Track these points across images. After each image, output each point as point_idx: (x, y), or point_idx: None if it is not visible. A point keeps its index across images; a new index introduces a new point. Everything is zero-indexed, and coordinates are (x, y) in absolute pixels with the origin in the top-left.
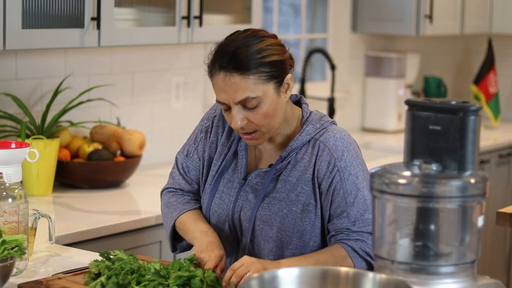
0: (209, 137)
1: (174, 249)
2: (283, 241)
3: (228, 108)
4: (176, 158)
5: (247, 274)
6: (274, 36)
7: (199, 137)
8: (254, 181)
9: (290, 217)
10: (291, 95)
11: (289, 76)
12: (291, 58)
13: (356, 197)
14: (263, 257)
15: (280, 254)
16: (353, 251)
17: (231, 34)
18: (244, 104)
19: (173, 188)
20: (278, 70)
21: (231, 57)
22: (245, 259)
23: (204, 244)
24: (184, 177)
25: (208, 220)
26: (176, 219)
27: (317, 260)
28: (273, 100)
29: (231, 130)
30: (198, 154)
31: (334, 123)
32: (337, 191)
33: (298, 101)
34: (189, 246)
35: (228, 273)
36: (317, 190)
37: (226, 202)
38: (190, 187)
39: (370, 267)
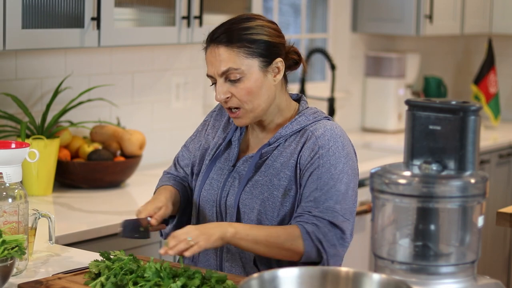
0: (206, 129)
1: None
2: (263, 225)
3: (216, 82)
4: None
5: (187, 238)
6: (271, 22)
7: (198, 130)
8: (241, 167)
9: (271, 200)
10: (293, 94)
11: (278, 59)
12: (296, 53)
13: (330, 187)
14: None
15: None
16: (307, 233)
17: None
18: (227, 76)
19: (166, 172)
20: (266, 50)
21: (221, 31)
22: (189, 227)
23: (150, 200)
24: (175, 165)
25: (198, 206)
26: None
27: (269, 233)
28: (257, 78)
29: (228, 123)
30: (194, 145)
31: (328, 118)
32: (312, 176)
33: (298, 99)
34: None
35: (170, 240)
36: (298, 176)
37: (214, 188)
38: (177, 173)
39: (319, 255)
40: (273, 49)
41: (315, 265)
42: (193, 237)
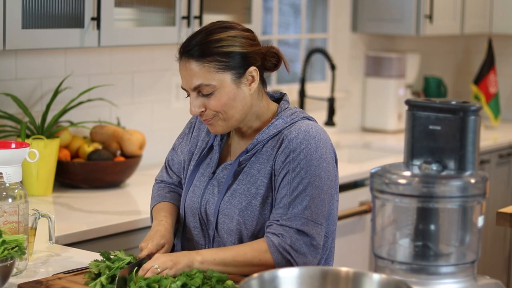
0: (192, 132)
1: None
2: (243, 234)
3: (189, 95)
4: (168, 152)
5: (154, 266)
6: (246, 30)
7: (184, 133)
8: (221, 174)
9: (250, 210)
10: (276, 92)
11: (252, 68)
12: (275, 55)
13: (300, 192)
14: (228, 245)
15: None
16: (273, 246)
17: (206, 25)
18: (200, 90)
19: (159, 180)
20: (238, 62)
21: (192, 44)
22: (156, 255)
23: (151, 233)
24: (167, 170)
25: (183, 213)
26: (151, 210)
27: (235, 252)
28: (230, 91)
29: None
30: (182, 148)
31: (308, 118)
32: (283, 181)
33: (281, 98)
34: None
35: (139, 272)
36: (273, 182)
37: (196, 195)
38: (171, 180)
39: (289, 264)
40: (246, 60)
41: None
42: (159, 264)
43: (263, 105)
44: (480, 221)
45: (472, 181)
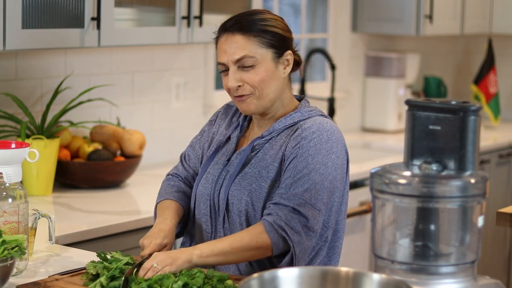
0: (212, 128)
1: None
2: (249, 215)
3: (227, 69)
4: (185, 149)
5: (153, 265)
6: (281, 18)
7: (204, 130)
8: (235, 161)
9: (258, 191)
10: (296, 95)
11: (288, 52)
12: (299, 55)
13: (303, 175)
14: (235, 231)
15: None
16: (269, 225)
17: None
18: (241, 63)
19: (171, 174)
20: (279, 41)
21: (235, 21)
22: (154, 254)
23: (154, 231)
24: (183, 164)
25: (194, 201)
26: (156, 206)
27: (232, 239)
28: (269, 67)
29: (231, 122)
30: (200, 144)
31: (324, 115)
32: (290, 165)
33: (301, 99)
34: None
35: (140, 273)
36: (282, 166)
37: (209, 182)
38: (186, 173)
39: (286, 243)
40: (284, 42)
41: (285, 256)
42: (158, 262)
43: (289, 96)
44: (480, 221)
45: (472, 181)
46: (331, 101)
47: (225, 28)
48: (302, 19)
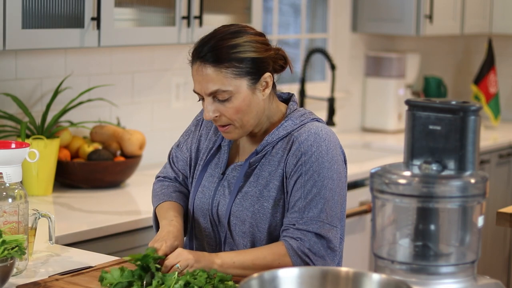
0: (199, 130)
1: None
2: (255, 236)
3: (203, 99)
4: (171, 148)
5: (176, 266)
6: (259, 34)
7: (190, 130)
8: (231, 175)
9: (262, 212)
10: (284, 93)
11: (267, 74)
12: (282, 58)
13: (314, 195)
14: (240, 248)
15: None
16: (292, 249)
17: (217, 28)
18: (215, 96)
19: (161, 177)
20: (254, 67)
21: (208, 49)
22: (178, 251)
23: (163, 233)
24: (172, 167)
25: (192, 214)
26: (155, 208)
27: (255, 256)
28: (246, 97)
29: None
30: (187, 145)
31: (317, 120)
32: (296, 185)
33: (289, 99)
34: None
35: (163, 269)
36: (285, 184)
37: (206, 197)
38: (176, 176)
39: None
40: (261, 65)
41: None
42: (181, 262)
43: (274, 107)
44: (480, 221)
45: (472, 181)
46: (331, 101)
47: (198, 56)
48: (302, 19)
